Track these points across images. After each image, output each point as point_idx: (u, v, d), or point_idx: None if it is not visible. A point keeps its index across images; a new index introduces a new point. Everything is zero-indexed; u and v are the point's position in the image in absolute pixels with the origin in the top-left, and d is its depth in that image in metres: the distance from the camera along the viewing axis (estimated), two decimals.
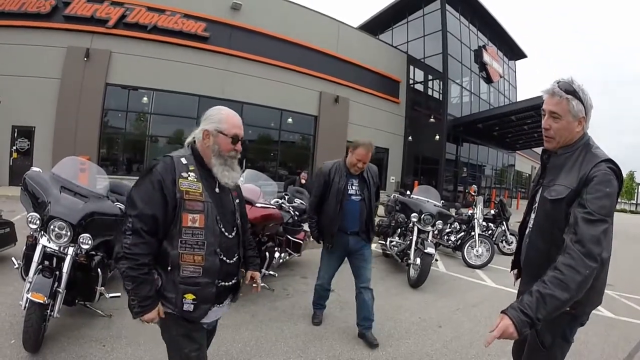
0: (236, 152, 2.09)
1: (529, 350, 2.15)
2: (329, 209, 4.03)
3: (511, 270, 2.56)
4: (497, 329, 1.71)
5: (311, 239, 4.89)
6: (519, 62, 36.85)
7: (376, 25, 29.62)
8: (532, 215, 2.17)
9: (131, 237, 1.82)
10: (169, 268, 1.91)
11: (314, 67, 20.25)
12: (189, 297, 1.92)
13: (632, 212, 66.32)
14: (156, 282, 1.93)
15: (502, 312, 1.76)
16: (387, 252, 7.60)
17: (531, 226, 2.16)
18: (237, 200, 2.23)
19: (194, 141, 2.10)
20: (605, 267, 1.87)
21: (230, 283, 2.13)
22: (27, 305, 3.05)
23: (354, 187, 4.03)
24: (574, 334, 2.09)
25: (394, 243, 7.34)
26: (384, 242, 7.68)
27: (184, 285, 1.91)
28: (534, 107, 19.42)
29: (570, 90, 1.89)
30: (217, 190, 2.07)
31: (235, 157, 2.11)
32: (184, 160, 1.98)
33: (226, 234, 2.05)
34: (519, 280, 2.41)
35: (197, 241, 1.91)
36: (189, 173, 1.95)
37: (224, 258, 2.03)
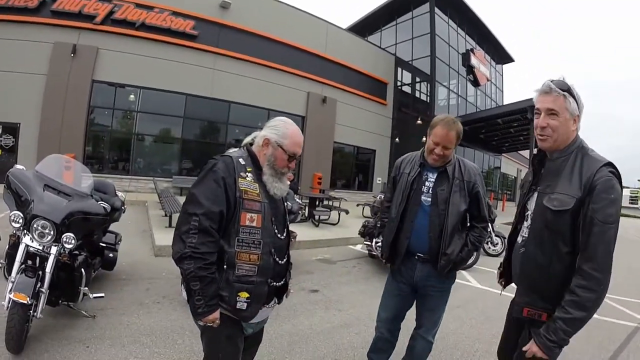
0: (289, 169, 2.15)
1: (520, 356, 2.06)
2: (391, 211, 2.94)
3: (499, 280, 2.48)
4: (527, 353, 1.90)
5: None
6: (506, 66, 37.31)
7: (365, 27, 29.76)
8: (526, 224, 2.13)
9: (197, 236, 1.81)
10: (225, 266, 1.91)
11: (302, 68, 20.27)
12: (243, 295, 1.93)
13: None
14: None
15: (530, 337, 1.93)
16: (373, 252, 7.62)
17: (526, 235, 2.11)
18: (286, 203, 2.30)
19: (251, 143, 2.16)
20: None
21: (279, 284, 2.15)
22: (9, 305, 3.01)
23: (427, 184, 2.78)
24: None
25: (379, 244, 7.33)
26: (369, 243, 7.70)
27: (239, 284, 1.92)
28: (520, 111, 19.62)
29: (565, 88, 1.89)
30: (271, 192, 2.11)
31: (287, 173, 2.16)
32: (242, 161, 2.02)
33: (278, 235, 2.10)
34: (504, 287, 2.46)
35: (253, 240, 1.94)
36: (247, 174, 2.00)
37: (277, 258, 2.06)
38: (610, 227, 1.76)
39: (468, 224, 2.89)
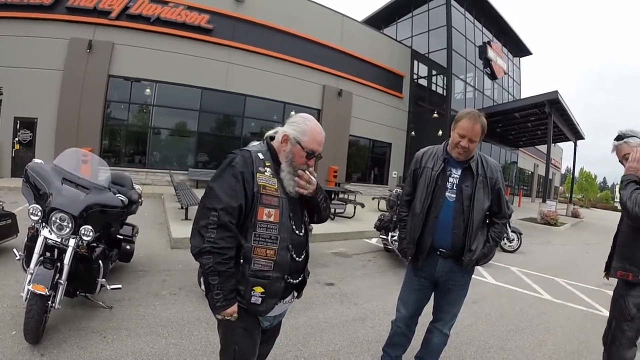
0: (308, 166, 2.09)
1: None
2: (415, 206, 2.87)
3: (606, 276, 3.08)
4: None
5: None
6: (523, 59, 36.77)
7: (380, 19, 29.54)
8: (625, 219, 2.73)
9: (217, 231, 1.82)
10: (241, 260, 1.91)
11: (318, 61, 20.20)
12: (258, 290, 1.93)
13: None
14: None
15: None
16: (389, 247, 7.58)
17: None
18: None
19: (272, 137, 2.12)
20: None
21: (297, 280, 2.13)
22: (28, 296, 3.06)
23: (451, 180, 2.76)
24: None
25: (395, 238, 7.30)
26: (385, 237, 7.66)
27: (254, 278, 1.92)
28: (538, 105, 19.37)
29: None
30: None
31: (305, 170, 2.09)
32: (261, 156, 2.00)
33: (297, 231, 2.06)
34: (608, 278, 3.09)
35: (270, 235, 1.92)
36: (266, 168, 1.98)
37: (294, 255, 2.03)
38: None
39: (487, 220, 2.89)
